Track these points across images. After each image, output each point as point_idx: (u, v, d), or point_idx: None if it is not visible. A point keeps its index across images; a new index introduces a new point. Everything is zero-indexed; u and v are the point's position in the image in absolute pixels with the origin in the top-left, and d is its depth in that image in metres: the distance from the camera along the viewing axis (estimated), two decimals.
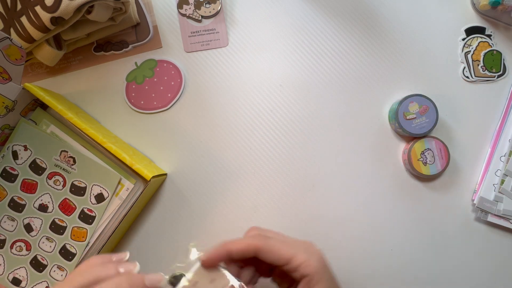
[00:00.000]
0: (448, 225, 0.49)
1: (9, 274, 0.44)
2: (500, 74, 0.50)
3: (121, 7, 0.43)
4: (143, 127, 0.49)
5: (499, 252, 0.49)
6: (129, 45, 0.49)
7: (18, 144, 0.44)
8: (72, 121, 0.42)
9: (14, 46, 0.38)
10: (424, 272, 0.49)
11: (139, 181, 0.44)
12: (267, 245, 0.32)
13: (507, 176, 0.48)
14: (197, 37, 0.49)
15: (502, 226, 0.49)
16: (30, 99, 0.44)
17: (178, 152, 0.49)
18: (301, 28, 0.50)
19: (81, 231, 0.43)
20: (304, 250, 0.33)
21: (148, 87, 0.49)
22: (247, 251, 0.32)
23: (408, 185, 0.49)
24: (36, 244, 0.44)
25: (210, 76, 0.49)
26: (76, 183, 0.44)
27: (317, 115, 0.49)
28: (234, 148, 0.49)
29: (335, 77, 0.50)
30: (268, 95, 0.49)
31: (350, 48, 0.50)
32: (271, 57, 0.50)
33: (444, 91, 0.50)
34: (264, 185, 0.49)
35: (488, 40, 0.50)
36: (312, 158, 0.49)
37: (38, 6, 0.39)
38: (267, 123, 0.49)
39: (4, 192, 0.44)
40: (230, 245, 0.33)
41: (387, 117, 0.50)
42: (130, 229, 0.48)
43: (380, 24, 0.50)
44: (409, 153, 0.47)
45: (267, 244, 0.32)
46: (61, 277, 0.43)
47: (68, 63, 0.49)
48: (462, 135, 0.50)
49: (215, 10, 0.49)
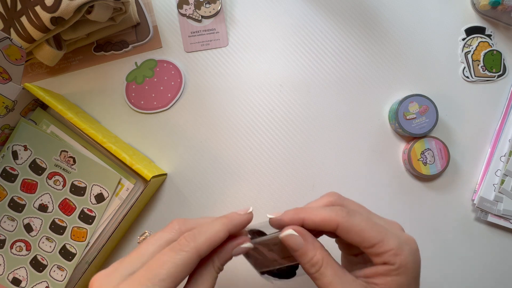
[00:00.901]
0: (448, 225, 0.49)
1: (9, 274, 0.44)
2: (500, 74, 0.50)
3: (121, 7, 0.43)
4: (143, 127, 0.49)
5: (499, 252, 0.49)
6: (129, 45, 0.49)
7: (18, 144, 0.44)
8: (72, 121, 0.42)
9: (14, 46, 0.38)
10: (424, 272, 0.49)
11: (139, 181, 0.44)
12: (350, 223, 0.27)
13: (507, 176, 0.48)
14: (197, 37, 0.49)
15: (502, 226, 0.49)
16: (30, 99, 0.44)
17: (178, 152, 0.49)
18: (301, 28, 0.50)
19: (81, 231, 0.43)
20: (395, 236, 0.27)
21: (148, 87, 0.49)
22: (324, 226, 0.28)
23: (408, 185, 0.49)
24: (36, 244, 0.44)
25: (210, 76, 0.50)
26: (76, 183, 0.44)
27: (317, 115, 0.49)
28: (234, 148, 0.49)
29: (335, 77, 0.50)
30: (268, 95, 0.49)
31: (350, 48, 0.50)
32: (271, 57, 0.50)
33: (444, 91, 0.50)
34: (264, 185, 0.49)
35: (488, 40, 0.50)
36: (312, 158, 0.49)
37: (38, 6, 0.39)
38: (267, 123, 0.49)
39: (4, 192, 0.44)
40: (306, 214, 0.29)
41: (387, 117, 0.50)
42: (130, 229, 0.48)
43: (380, 24, 0.50)
44: (409, 153, 0.47)
45: (350, 222, 0.27)
46: (61, 277, 0.43)
47: (68, 63, 0.49)
48: (462, 135, 0.50)
49: (215, 10, 0.49)
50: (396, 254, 0.26)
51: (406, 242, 0.28)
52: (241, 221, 0.29)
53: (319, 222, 0.28)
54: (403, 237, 0.28)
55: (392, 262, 0.27)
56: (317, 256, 0.28)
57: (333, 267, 0.28)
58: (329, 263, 0.28)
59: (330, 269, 0.27)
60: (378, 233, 0.27)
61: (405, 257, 0.27)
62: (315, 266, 0.28)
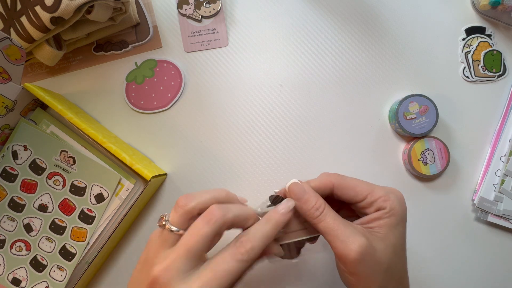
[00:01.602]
0: (448, 225, 0.49)
1: (9, 274, 0.44)
2: (500, 74, 0.50)
3: (121, 7, 0.43)
4: (143, 127, 0.49)
5: (499, 252, 0.49)
6: (129, 45, 0.49)
7: (18, 144, 0.44)
8: (72, 121, 0.42)
9: (14, 46, 0.38)
10: (424, 272, 0.49)
11: (139, 181, 0.44)
12: (343, 181, 0.33)
13: (507, 176, 0.48)
14: (197, 37, 0.49)
15: (502, 226, 0.49)
16: (30, 99, 0.44)
17: (178, 152, 0.49)
18: (301, 28, 0.50)
19: (81, 231, 0.43)
20: (381, 187, 0.33)
21: (148, 87, 0.49)
22: (324, 187, 0.33)
23: (408, 185, 0.49)
24: (36, 244, 0.44)
25: (210, 76, 0.49)
26: (76, 183, 0.44)
27: (317, 115, 0.49)
28: (234, 148, 0.49)
29: (335, 77, 0.50)
30: (268, 95, 0.49)
31: (350, 48, 0.50)
32: (271, 57, 0.50)
33: (444, 91, 0.50)
34: (264, 185, 0.49)
35: (488, 40, 0.50)
36: (312, 158, 0.49)
37: (38, 6, 0.39)
38: (267, 123, 0.49)
39: (4, 192, 0.44)
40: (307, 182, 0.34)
41: (387, 117, 0.50)
42: (130, 229, 0.48)
43: (380, 24, 0.50)
44: (409, 153, 0.47)
45: (343, 180, 0.33)
46: (61, 277, 0.43)
47: (68, 63, 0.49)
48: (462, 135, 0.50)
49: (215, 10, 0.49)
50: (385, 200, 0.32)
51: (391, 191, 0.33)
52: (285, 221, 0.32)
53: (318, 185, 0.33)
54: (388, 188, 0.34)
55: (383, 207, 0.32)
56: (319, 201, 0.33)
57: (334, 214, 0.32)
58: (330, 209, 0.32)
59: (332, 212, 0.32)
60: (367, 186, 0.33)
61: (393, 201, 0.32)
62: (318, 209, 0.32)
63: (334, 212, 0.32)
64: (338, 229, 0.31)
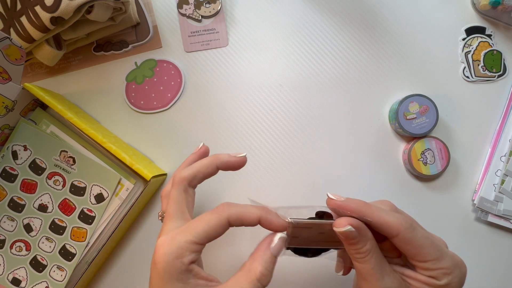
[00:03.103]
0: (448, 225, 0.49)
1: (9, 274, 0.44)
2: (500, 74, 0.50)
3: (121, 7, 0.43)
4: (143, 127, 0.49)
5: (499, 252, 0.49)
6: (129, 45, 0.49)
7: (17, 144, 0.44)
8: (72, 121, 0.42)
9: (14, 46, 0.38)
10: None
11: (139, 181, 0.44)
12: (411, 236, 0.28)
13: (507, 176, 0.48)
14: (197, 37, 0.49)
15: (502, 226, 0.49)
16: (30, 99, 0.44)
17: (178, 152, 0.49)
18: (301, 28, 0.50)
19: (81, 231, 0.43)
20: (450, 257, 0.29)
21: (148, 87, 0.49)
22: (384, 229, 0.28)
23: (408, 185, 0.49)
24: (35, 244, 0.44)
25: (210, 76, 0.49)
26: (76, 183, 0.44)
27: (317, 115, 0.49)
28: (234, 148, 0.49)
29: (335, 77, 0.50)
30: (268, 95, 0.49)
31: (350, 48, 0.50)
32: (271, 57, 0.50)
33: (444, 91, 0.50)
34: (264, 185, 0.49)
35: (488, 40, 0.50)
36: (312, 158, 0.49)
37: (38, 6, 0.39)
38: (267, 123, 0.49)
39: (4, 192, 0.44)
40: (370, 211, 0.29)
41: (387, 117, 0.50)
42: (130, 229, 0.48)
43: (380, 24, 0.50)
44: (409, 153, 0.47)
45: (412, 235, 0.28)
46: (60, 277, 0.43)
47: (68, 63, 0.49)
48: (462, 135, 0.50)
49: (215, 10, 0.49)
50: (447, 273, 0.28)
51: (459, 265, 0.29)
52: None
53: (380, 224, 0.28)
54: (457, 260, 0.29)
55: (440, 278, 0.28)
56: (367, 246, 0.29)
57: (378, 256, 0.29)
58: (375, 253, 0.29)
59: (375, 258, 0.28)
60: (435, 252, 0.28)
61: (453, 278, 0.28)
62: (361, 254, 0.29)
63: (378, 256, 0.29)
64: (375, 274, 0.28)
